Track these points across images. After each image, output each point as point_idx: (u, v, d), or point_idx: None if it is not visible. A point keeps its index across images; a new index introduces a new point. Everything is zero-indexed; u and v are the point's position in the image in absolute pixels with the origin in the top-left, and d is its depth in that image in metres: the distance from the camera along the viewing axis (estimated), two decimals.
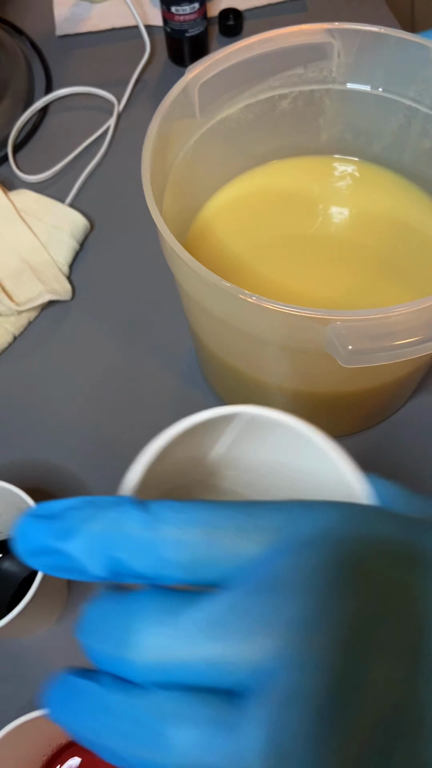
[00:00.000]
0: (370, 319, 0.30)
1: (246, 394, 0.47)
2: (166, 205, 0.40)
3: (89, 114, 0.68)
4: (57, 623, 0.45)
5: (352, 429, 0.50)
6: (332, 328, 0.30)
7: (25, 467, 0.50)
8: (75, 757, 0.40)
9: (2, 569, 0.45)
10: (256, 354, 0.40)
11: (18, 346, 0.56)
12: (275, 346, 0.37)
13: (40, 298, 0.54)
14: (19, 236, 0.58)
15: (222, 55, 0.40)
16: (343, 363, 0.30)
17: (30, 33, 0.74)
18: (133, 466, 0.21)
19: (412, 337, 0.30)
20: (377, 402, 0.47)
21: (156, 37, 0.73)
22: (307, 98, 0.46)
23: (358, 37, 0.41)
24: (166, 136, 0.39)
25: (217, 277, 0.32)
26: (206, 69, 0.40)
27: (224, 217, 0.48)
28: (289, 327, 0.33)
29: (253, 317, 0.33)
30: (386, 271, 0.46)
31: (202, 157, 0.44)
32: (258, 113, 0.46)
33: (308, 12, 0.74)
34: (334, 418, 0.48)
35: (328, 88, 0.45)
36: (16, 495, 0.39)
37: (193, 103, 0.41)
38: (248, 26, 0.74)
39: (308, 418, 0.26)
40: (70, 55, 0.73)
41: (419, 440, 0.50)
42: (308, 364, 0.38)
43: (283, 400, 0.45)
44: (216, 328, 0.41)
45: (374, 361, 0.30)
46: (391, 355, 0.30)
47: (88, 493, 0.49)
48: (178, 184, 0.42)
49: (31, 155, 0.66)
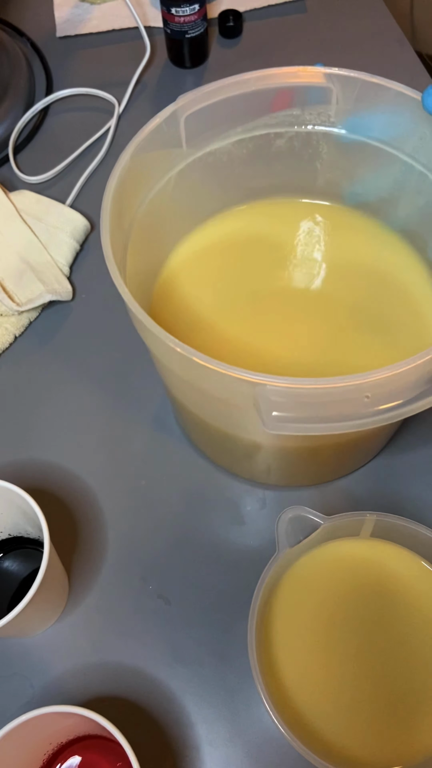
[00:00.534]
0: (300, 388, 0.29)
1: (214, 445, 0.47)
2: (133, 249, 0.39)
3: (90, 115, 0.68)
4: (58, 622, 0.45)
5: (331, 476, 0.49)
6: (260, 392, 0.29)
7: (25, 467, 0.50)
8: (75, 755, 0.40)
9: (2, 569, 0.45)
10: (216, 407, 0.39)
11: (19, 346, 0.56)
12: (226, 402, 0.36)
13: (41, 299, 0.55)
14: (20, 237, 0.58)
15: (213, 87, 0.40)
16: (266, 428, 0.29)
17: (31, 34, 0.75)
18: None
19: (339, 412, 0.29)
20: (348, 454, 0.46)
21: (156, 39, 0.73)
22: (303, 140, 0.45)
23: (357, 85, 0.41)
24: (140, 167, 0.39)
25: (168, 335, 0.31)
26: (195, 100, 0.40)
27: (195, 263, 0.47)
28: (224, 387, 0.32)
29: (201, 375, 0.32)
30: (361, 328, 0.44)
31: (184, 189, 0.43)
32: (252, 149, 0.45)
33: (308, 13, 0.75)
34: (312, 469, 0.47)
35: (326, 132, 0.45)
36: (16, 495, 0.39)
37: (179, 132, 0.40)
38: (248, 27, 0.74)
39: (285, 470, 0.26)
40: (71, 57, 0.73)
41: (404, 477, 0.49)
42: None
43: (253, 452, 0.44)
44: (175, 381, 0.40)
45: (297, 431, 0.29)
46: (315, 428, 0.29)
47: (89, 492, 0.49)
48: (149, 225, 0.41)
49: (31, 156, 0.66)
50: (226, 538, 0.47)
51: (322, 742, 0.37)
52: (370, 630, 0.39)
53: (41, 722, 0.35)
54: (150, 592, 0.45)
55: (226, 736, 0.41)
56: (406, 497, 0.48)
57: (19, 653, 0.44)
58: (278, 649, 0.39)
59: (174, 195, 0.43)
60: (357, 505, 0.48)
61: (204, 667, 0.43)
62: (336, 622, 0.40)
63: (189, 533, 0.47)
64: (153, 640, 0.44)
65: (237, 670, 0.43)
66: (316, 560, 0.41)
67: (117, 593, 0.46)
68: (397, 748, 0.37)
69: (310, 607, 0.40)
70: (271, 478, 0.48)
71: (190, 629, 0.44)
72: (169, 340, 0.31)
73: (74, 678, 0.43)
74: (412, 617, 0.40)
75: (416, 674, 0.39)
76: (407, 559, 0.41)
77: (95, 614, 0.45)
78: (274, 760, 0.40)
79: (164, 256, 0.47)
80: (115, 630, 0.44)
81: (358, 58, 0.70)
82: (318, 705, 0.38)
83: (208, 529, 0.47)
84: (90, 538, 0.47)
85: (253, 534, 0.47)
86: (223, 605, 0.45)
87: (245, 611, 0.38)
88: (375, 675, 0.39)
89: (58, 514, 0.48)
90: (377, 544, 0.41)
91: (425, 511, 0.47)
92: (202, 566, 0.46)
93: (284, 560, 0.39)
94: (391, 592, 0.40)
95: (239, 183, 0.47)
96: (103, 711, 0.34)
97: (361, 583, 0.41)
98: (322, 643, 0.39)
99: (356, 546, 0.41)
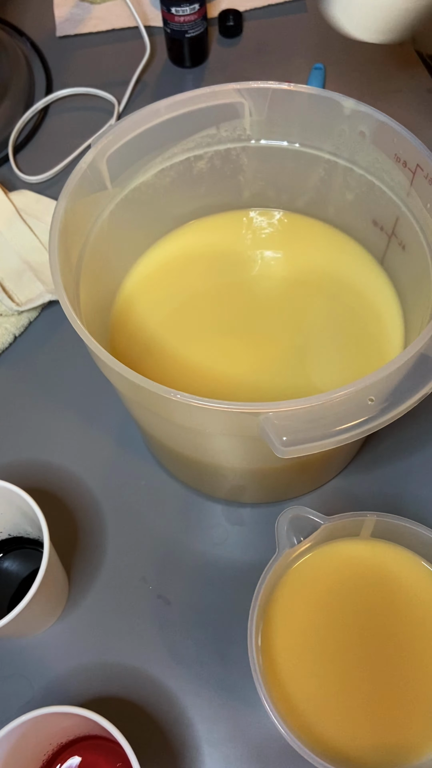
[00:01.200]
0: (306, 407, 0.30)
1: (192, 472, 0.47)
2: (85, 286, 0.40)
3: (89, 115, 0.68)
4: (58, 622, 0.45)
5: (304, 490, 0.49)
6: (264, 419, 0.30)
7: (25, 467, 0.50)
8: (75, 755, 0.40)
9: (2, 569, 0.45)
10: (190, 439, 0.39)
11: (18, 346, 0.56)
12: (207, 434, 0.36)
13: (41, 299, 0.55)
14: (20, 236, 0.58)
15: (127, 123, 0.40)
16: (279, 454, 0.30)
17: (30, 34, 0.74)
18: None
19: (345, 423, 0.30)
20: (323, 466, 0.46)
21: (156, 38, 0.73)
22: (223, 157, 0.46)
23: (268, 95, 0.41)
24: (78, 213, 0.39)
25: (140, 377, 0.31)
26: (112, 140, 0.40)
27: (148, 287, 0.47)
28: (218, 421, 0.32)
29: (184, 412, 0.33)
30: (321, 336, 0.45)
31: (118, 227, 0.44)
32: (174, 176, 0.45)
33: (308, 12, 0.74)
34: (282, 485, 0.47)
35: (244, 146, 0.45)
36: (16, 495, 0.39)
37: (102, 176, 0.40)
38: (248, 27, 0.74)
39: (256, 489, 0.26)
40: (71, 56, 0.73)
41: (404, 477, 0.49)
42: (246, 445, 0.38)
43: (231, 476, 0.44)
44: (146, 417, 0.40)
45: (310, 450, 0.30)
46: (327, 443, 0.30)
47: (89, 492, 0.49)
48: (97, 259, 0.42)
49: (31, 156, 0.66)
50: (227, 538, 0.47)
51: (322, 742, 0.37)
52: (371, 630, 0.40)
53: (41, 722, 0.35)
54: (150, 592, 0.45)
55: (226, 736, 0.41)
56: (406, 497, 0.48)
57: (19, 653, 0.44)
58: (278, 649, 0.39)
59: (110, 234, 0.43)
60: (357, 505, 0.48)
61: (204, 667, 0.43)
62: (336, 622, 0.40)
63: (189, 533, 0.47)
64: (153, 640, 0.44)
65: (237, 670, 0.43)
66: (316, 560, 0.41)
67: (117, 593, 0.46)
68: (396, 748, 0.37)
69: (310, 607, 0.40)
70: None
71: (190, 629, 0.44)
72: (161, 390, 0.31)
73: (74, 678, 0.43)
74: (413, 617, 0.40)
75: (417, 675, 0.39)
76: (407, 559, 0.41)
77: (95, 614, 0.45)
78: (274, 760, 0.40)
79: (115, 287, 0.47)
80: (115, 630, 0.44)
81: (357, 57, 0.70)
82: (318, 705, 0.38)
83: (208, 529, 0.47)
84: (90, 538, 0.47)
85: (253, 534, 0.47)
86: (223, 605, 0.45)
87: (245, 611, 0.38)
88: (375, 675, 0.39)
89: (58, 514, 0.48)
90: (377, 545, 0.41)
91: (425, 512, 0.47)
92: (202, 566, 0.46)
93: (284, 560, 0.39)
94: (392, 592, 0.40)
95: (168, 211, 0.48)
96: (103, 711, 0.34)
97: (362, 584, 0.41)
98: (322, 644, 0.39)
99: (356, 546, 0.41)
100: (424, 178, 0.38)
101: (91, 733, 0.39)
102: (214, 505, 0.48)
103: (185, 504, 0.48)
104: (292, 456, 0.30)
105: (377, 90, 0.68)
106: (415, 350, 0.31)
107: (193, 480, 0.48)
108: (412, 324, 0.43)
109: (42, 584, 0.37)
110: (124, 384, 0.33)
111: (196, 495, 0.49)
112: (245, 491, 0.47)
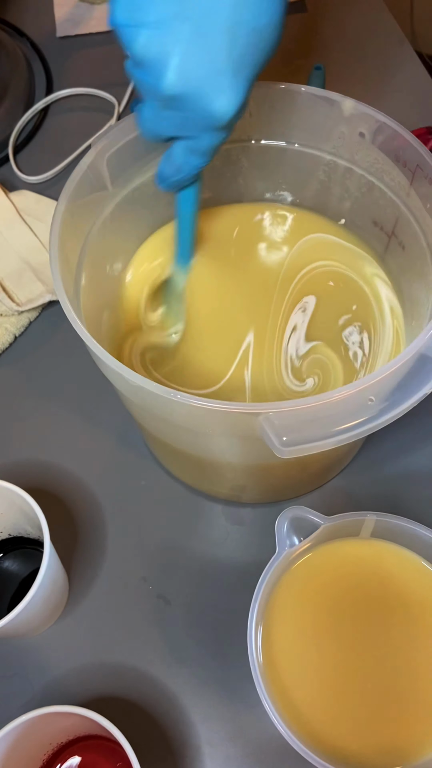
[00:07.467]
0: (307, 408, 0.30)
1: (192, 471, 0.47)
2: (85, 286, 0.40)
3: (90, 115, 0.68)
4: (58, 622, 0.45)
5: (304, 490, 0.49)
6: (264, 419, 0.30)
7: (25, 467, 0.50)
8: (75, 755, 0.40)
9: (2, 569, 0.45)
10: (190, 439, 0.39)
11: (19, 346, 0.56)
12: (207, 434, 0.36)
13: (41, 299, 0.55)
14: (20, 237, 0.58)
15: (128, 124, 0.40)
16: (279, 455, 0.30)
17: (30, 34, 0.74)
18: None
19: (345, 423, 0.30)
20: (325, 464, 0.46)
21: None
22: (223, 157, 0.45)
23: (268, 94, 0.41)
24: (78, 214, 0.39)
25: (140, 377, 0.31)
26: (113, 140, 0.40)
27: (146, 283, 0.47)
28: (218, 421, 0.32)
29: (184, 412, 0.32)
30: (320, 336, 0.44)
31: (119, 227, 0.44)
32: None
33: (308, 13, 0.74)
34: (282, 484, 0.47)
35: (244, 146, 0.45)
36: (16, 495, 0.39)
37: (103, 176, 0.40)
38: None
39: (256, 489, 0.26)
40: (71, 57, 0.73)
41: (404, 477, 0.49)
42: (247, 445, 0.37)
43: (231, 475, 0.44)
44: (146, 417, 0.40)
45: (310, 450, 0.30)
46: (327, 443, 0.30)
47: (89, 492, 0.49)
48: (97, 259, 0.42)
49: (31, 156, 0.66)
50: (227, 538, 0.47)
51: (322, 742, 0.37)
52: (371, 630, 0.40)
53: (41, 722, 0.35)
54: (150, 592, 0.45)
55: (226, 736, 0.41)
56: (406, 497, 0.48)
57: (19, 653, 0.44)
58: (278, 649, 0.39)
59: (110, 235, 0.43)
60: (357, 505, 0.48)
61: (204, 667, 0.43)
62: (336, 622, 0.40)
63: (189, 533, 0.47)
64: (153, 640, 0.44)
65: (237, 670, 0.43)
66: (316, 560, 0.41)
67: (117, 593, 0.46)
68: (397, 748, 0.37)
69: (310, 607, 0.40)
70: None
71: (190, 629, 0.44)
72: (161, 391, 0.31)
73: (74, 678, 0.43)
74: (413, 618, 0.40)
75: (417, 674, 0.39)
76: (407, 559, 0.41)
77: (95, 614, 0.45)
78: (274, 760, 0.40)
79: (115, 287, 0.47)
80: (114, 630, 0.44)
81: (358, 58, 0.70)
82: (318, 705, 0.38)
83: (208, 529, 0.47)
84: (90, 538, 0.47)
85: (253, 534, 0.47)
86: (223, 605, 0.45)
87: (245, 611, 0.38)
88: (375, 675, 0.39)
89: (58, 514, 0.48)
90: (377, 545, 0.41)
91: (425, 512, 0.47)
92: (202, 566, 0.46)
93: (284, 560, 0.39)
94: (392, 592, 0.40)
95: (168, 212, 0.46)
96: (103, 711, 0.34)
97: (362, 584, 0.41)
98: (322, 644, 0.39)
99: (356, 546, 0.41)
100: (424, 179, 0.38)
101: (91, 732, 0.39)
102: (214, 505, 0.48)
103: (185, 504, 0.48)
104: (292, 456, 0.30)
105: (377, 90, 0.68)
106: (415, 350, 0.31)
107: (193, 480, 0.48)
108: (411, 324, 0.43)
109: (42, 584, 0.37)
110: (124, 384, 0.33)
111: (196, 495, 0.49)
112: (245, 491, 0.47)
